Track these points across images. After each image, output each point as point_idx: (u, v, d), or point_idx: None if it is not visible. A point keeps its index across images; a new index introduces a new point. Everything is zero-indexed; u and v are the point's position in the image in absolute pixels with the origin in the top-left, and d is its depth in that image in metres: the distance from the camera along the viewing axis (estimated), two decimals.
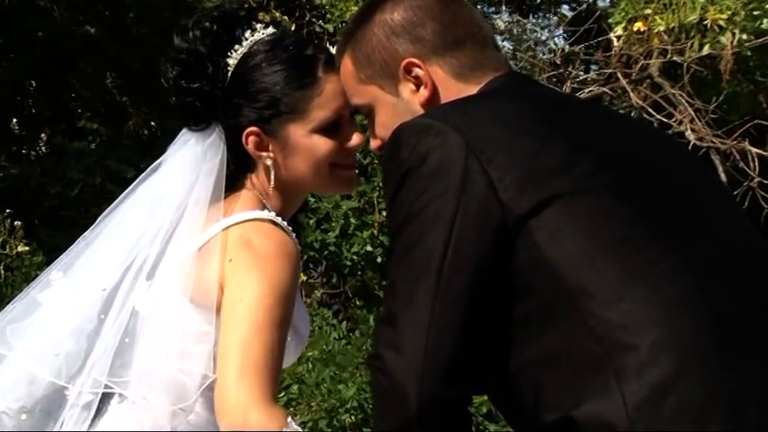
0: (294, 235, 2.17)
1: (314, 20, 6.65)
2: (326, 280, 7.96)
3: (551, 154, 1.81)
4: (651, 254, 1.75)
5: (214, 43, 2.19)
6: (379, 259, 7.09)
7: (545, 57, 7.74)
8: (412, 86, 2.02)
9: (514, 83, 2.04)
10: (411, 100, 2.03)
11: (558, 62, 6.63)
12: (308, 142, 2.20)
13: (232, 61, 2.20)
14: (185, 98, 2.19)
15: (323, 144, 2.20)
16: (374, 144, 2.10)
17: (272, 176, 2.21)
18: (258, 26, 2.22)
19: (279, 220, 2.16)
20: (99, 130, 8.66)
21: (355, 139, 2.24)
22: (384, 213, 6.97)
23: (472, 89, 2.00)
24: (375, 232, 7.03)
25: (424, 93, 2.01)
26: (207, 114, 2.20)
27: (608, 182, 1.82)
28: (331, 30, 6.26)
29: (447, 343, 1.76)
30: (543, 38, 9.29)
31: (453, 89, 2.00)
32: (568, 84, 6.22)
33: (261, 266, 2.05)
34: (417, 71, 2.01)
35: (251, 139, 2.19)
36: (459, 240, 1.77)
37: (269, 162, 2.20)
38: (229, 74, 2.20)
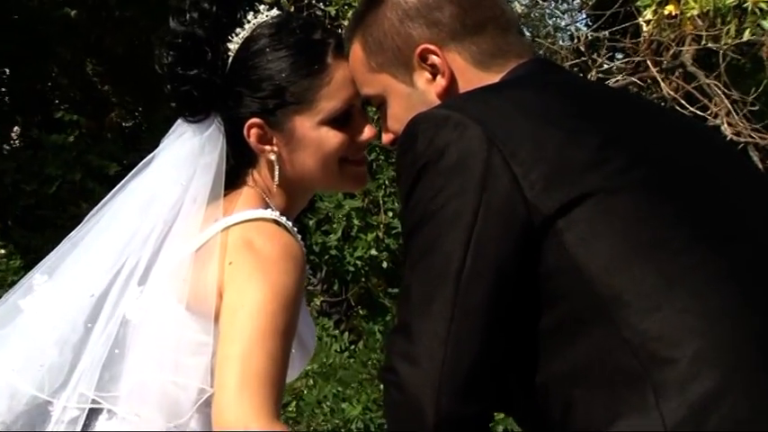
0: (299, 236, 2.17)
1: (315, 2, 6.64)
2: (327, 287, 7.97)
3: (581, 148, 1.81)
4: (691, 258, 1.75)
5: (213, 26, 2.19)
6: (384, 264, 7.09)
7: (566, 44, 7.74)
8: (428, 75, 2.03)
9: (539, 70, 2.04)
10: (427, 90, 2.03)
11: (582, 49, 6.62)
12: (315, 135, 2.20)
13: (233, 46, 2.21)
14: (181, 86, 2.19)
15: (332, 137, 2.20)
16: (386, 138, 2.10)
17: (277, 172, 2.21)
18: (262, 8, 2.23)
19: (283, 219, 2.16)
20: (78, 121, 8.67)
21: (367, 132, 2.24)
22: (390, 214, 6.97)
23: (494, 78, 2.00)
24: (380, 235, 7.03)
25: (440, 82, 2.01)
26: (205, 104, 2.20)
27: (643, 179, 1.81)
28: (333, 13, 6.25)
29: (467, 354, 1.76)
30: (564, 23, 9.30)
31: (473, 78, 2.00)
32: (593, 73, 6.21)
33: (263, 270, 2.04)
34: (434, 58, 2.01)
35: (253, 131, 2.19)
36: (480, 240, 1.76)
37: (272, 157, 2.20)
38: (230, 60, 2.20)
